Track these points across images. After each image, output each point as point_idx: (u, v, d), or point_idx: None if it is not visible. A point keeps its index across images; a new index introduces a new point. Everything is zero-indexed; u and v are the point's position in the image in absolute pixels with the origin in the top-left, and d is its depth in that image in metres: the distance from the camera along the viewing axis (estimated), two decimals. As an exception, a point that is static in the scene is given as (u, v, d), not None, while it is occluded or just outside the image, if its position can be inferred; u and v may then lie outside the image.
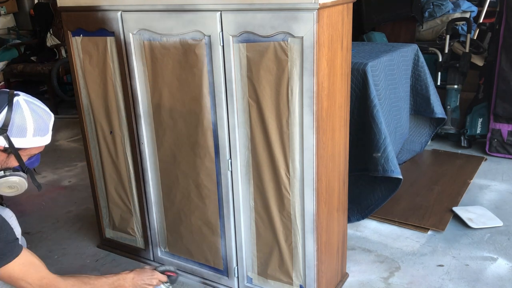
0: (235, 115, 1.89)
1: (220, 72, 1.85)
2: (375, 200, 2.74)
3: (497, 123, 3.68)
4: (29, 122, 1.58)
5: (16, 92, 1.62)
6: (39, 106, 1.64)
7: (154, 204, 2.31)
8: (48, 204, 3.22)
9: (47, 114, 1.65)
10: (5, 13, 6.33)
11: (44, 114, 1.64)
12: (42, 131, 1.61)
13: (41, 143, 1.64)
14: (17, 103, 1.57)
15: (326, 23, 1.68)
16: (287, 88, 1.74)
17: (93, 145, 2.40)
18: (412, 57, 3.23)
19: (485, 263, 2.41)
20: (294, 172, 1.85)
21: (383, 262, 2.45)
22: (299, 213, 1.91)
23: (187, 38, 1.88)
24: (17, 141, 1.58)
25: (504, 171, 3.46)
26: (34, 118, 1.59)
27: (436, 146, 3.95)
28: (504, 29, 3.51)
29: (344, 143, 2.05)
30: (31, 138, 1.59)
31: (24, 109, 1.58)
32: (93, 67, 2.20)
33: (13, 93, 1.60)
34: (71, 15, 2.18)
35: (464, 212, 2.84)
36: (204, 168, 2.06)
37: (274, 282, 2.10)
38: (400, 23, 4.85)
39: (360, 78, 2.59)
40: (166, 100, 2.04)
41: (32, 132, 1.59)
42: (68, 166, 3.86)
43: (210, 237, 2.18)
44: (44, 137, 1.63)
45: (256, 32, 1.72)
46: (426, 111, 3.35)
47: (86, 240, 2.75)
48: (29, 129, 1.58)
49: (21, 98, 1.59)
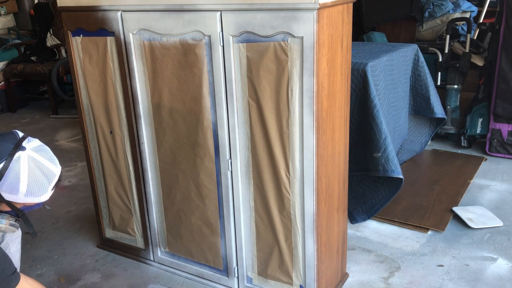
0: (235, 115, 1.89)
1: (220, 72, 1.85)
2: (379, 199, 2.75)
3: (497, 123, 3.68)
4: (22, 183, 1.48)
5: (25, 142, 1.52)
6: (43, 164, 1.54)
7: (154, 204, 2.31)
8: (48, 204, 3.22)
9: (49, 174, 1.55)
10: (5, 13, 6.33)
11: (46, 174, 1.54)
12: (37, 192, 1.52)
13: (35, 201, 1.55)
14: (18, 160, 1.48)
15: (326, 23, 1.68)
16: (287, 88, 1.74)
17: (93, 145, 2.41)
18: (412, 57, 3.23)
19: (485, 263, 2.41)
20: (294, 172, 1.85)
21: (383, 262, 2.45)
22: (299, 213, 1.91)
23: (187, 38, 1.88)
24: (8, 196, 1.50)
25: (504, 171, 3.46)
26: (30, 179, 1.50)
27: (436, 146, 3.95)
28: (504, 29, 3.51)
29: (344, 143, 2.05)
30: (22, 197, 1.51)
31: (22, 169, 1.48)
32: (93, 67, 2.20)
33: (20, 144, 1.50)
34: (71, 15, 2.18)
35: (464, 212, 2.84)
36: (204, 168, 2.06)
37: (274, 282, 2.10)
38: (400, 23, 4.85)
39: (360, 78, 2.60)
40: (166, 100, 2.04)
41: (24, 193, 1.50)
42: (68, 166, 3.86)
43: (210, 237, 2.18)
44: (39, 197, 1.54)
45: (256, 32, 1.72)
46: (426, 111, 3.35)
47: (86, 240, 2.75)
48: (21, 190, 1.49)
49: (24, 154, 1.49)
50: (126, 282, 2.36)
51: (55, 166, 1.59)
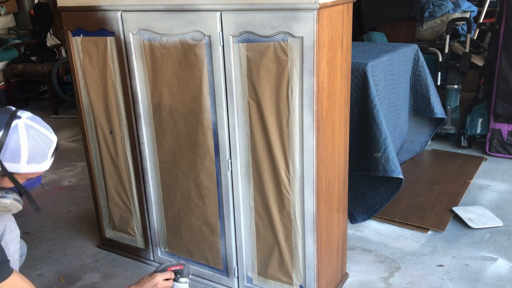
0: (235, 115, 1.89)
1: (220, 72, 1.85)
2: (379, 199, 2.75)
3: (497, 123, 3.68)
4: (23, 149, 1.50)
5: (19, 113, 1.55)
6: (40, 131, 1.56)
7: (154, 204, 2.31)
8: (48, 204, 3.22)
9: (47, 140, 1.57)
10: (5, 13, 6.33)
11: (44, 140, 1.55)
12: (38, 158, 1.53)
13: (37, 170, 1.56)
14: (15, 127, 1.49)
15: (326, 23, 1.68)
16: (287, 88, 1.74)
17: (93, 145, 2.41)
18: (412, 57, 3.23)
19: (485, 263, 2.41)
20: (294, 172, 1.85)
21: (383, 262, 2.45)
22: (299, 213, 1.91)
23: (187, 38, 1.88)
24: (10, 166, 1.51)
25: (504, 171, 3.46)
26: (30, 146, 1.51)
27: (436, 146, 3.95)
28: (504, 29, 3.51)
29: (344, 143, 2.05)
30: (25, 165, 1.52)
31: (21, 135, 1.50)
32: (93, 67, 2.21)
33: (15, 114, 1.52)
34: (71, 15, 2.18)
35: (464, 212, 2.84)
36: (204, 168, 2.06)
37: (274, 282, 2.10)
38: (400, 23, 4.85)
39: (360, 78, 2.60)
40: (166, 100, 2.04)
41: (26, 159, 1.51)
42: (68, 166, 3.86)
43: (210, 237, 2.18)
44: (40, 164, 1.55)
45: (256, 32, 1.72)
46: (426, 111, 3.35)
47: (86, 240, 2.75)
48: (23, 156, 1.50)
49: (21, 122, 1.51)
50: (126, 282, 2.36)
51: (51, 134, 1.61)
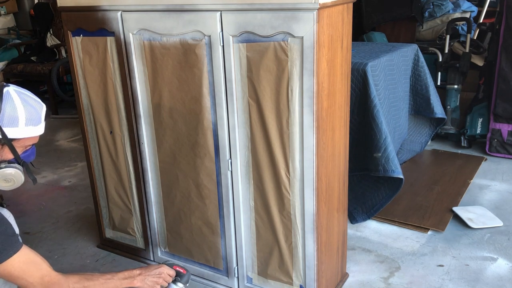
0: (235, 115, 1.89)
1: (220, 72, 1.85)
2: (379, 199, 2.75)
3: (497, 123, 3.68)
4: (20, 112, 1.56)
5: (5, 83, 1.62)
6: (30, 96, 1.63)
7: (154, 204, 2.31)
8: (48, 204, 3.22)
9: (38, 104, 1.64)
10: (5, 13, 6.33)
11: (35, 104, 1.63)
12: (34, 120, 1.60)
13: (35, 133, 1.62)
14: (7, 93, 1.56)
15: (326, 23, 1.68)
16: (287, 88, 1.74)
17: (93, 145, 2.41)
18: (412, 57, 3.23)
19: (485, 263, 2.41)
20: (294, 172, 1.85)
21: (383, 262, 2.45)
22: (299, 213, 1.91)
23: (187, 38, 1.88)
24: (10, 131, 1.56)
25: (504, 171, 3.46)
26: (25, 108, 1.58)
27: (436, 146, 3.95)
28: (504, 29, 3.51)
29: (344, 143, 2.05)
30: (23, 127, 1.58)
31: (15, 99, 1.56)
32: (93, 67, 2.20)
33: (3, 84, 1.60)
34: (71, 15, 2.18)
35: (464, 212, 2.84)
36: (204, 168, 2.06)
37: (274, 282, 2.10)
38: (400, 23, 4.85)
39: (360, 78, 2.60)
40: (166, 100, 2.04)
41: (24, 121, 1.57)
42: (68, 166, 3.86)
43: (210, 237, 2.18)
44: (37, 126, 1.62)
45: (256, 32, 1.72)
46: (426, 111, 3.35)
47: (86, 240, 2.75)
48: (21, 119, 1.56)
49: (11, 89, 1.58)
50: (126, 282, 2.36)
51: (39, 99, 1.68)
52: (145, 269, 1.80)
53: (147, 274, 1.78)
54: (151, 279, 1.78)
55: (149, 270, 1.80)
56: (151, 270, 1.80)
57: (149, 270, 1.80)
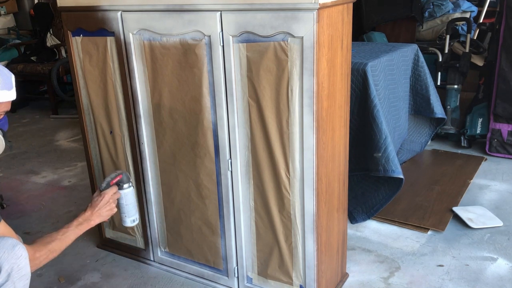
0: (235, 115, 1.89)
1: (220, 72, 1.85)
2: (380, 199, 2.75)
3: (497, 123, 3.68)
4: None
5: None
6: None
7: (154, 204, 2.31)
8: (48, 204, 3.22)
9: (8, 72, 1.68)
10: (5, 13, 6.33)
11: (5, 71, 1.66)
12: (7, 84, 1.63)
13: (8, 98, 1.65)
14: None
15: (326, 23, 1.68)
16: (287, 88, 1.74)
17: (93, 145, 2.41)
18: (412, 57, 3.23)
19: (485, 263, 2.41)
20: (294, 172, 1.85)
21: (383, 262, 2.45)
22: (299, 213, 1.91)
23: (187, 38, 1.88)
24: None
25: (504, 171, 3.46)
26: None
27: (436, 146, 3.95)
28: (504, 29, 3.51)
29: (344, 143, 2.05)
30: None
31: None
32: (93, 67, 2.21)
33: None
34: (71, 15, 2.18)
35: (464, 212, 2.84)
36: (204, 168, 2.06)
37: (274, 282, 2.10)
38: (400, 23, 4.85)
39: (360, 78, 2.60)
40: (166, 100, 2.04)
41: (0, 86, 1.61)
42: (68, 166, 3.86)
43: (210, 237, 2.18)
44: (10, 91, 1.65)
45: (256, 32, 1.72)
46: (426, 111, 3.35)
47: (86, 240, 2.75)
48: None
49: None
50: (126, 282, 2.36)
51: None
52: (92, 205, 1.87)
53: (98, 208, 1.86)
54: (104, 210, 1.87)
55: (97, 204, 1.86)
56: (98, 203, 1.86)
57: (96, 204, 1.86)
